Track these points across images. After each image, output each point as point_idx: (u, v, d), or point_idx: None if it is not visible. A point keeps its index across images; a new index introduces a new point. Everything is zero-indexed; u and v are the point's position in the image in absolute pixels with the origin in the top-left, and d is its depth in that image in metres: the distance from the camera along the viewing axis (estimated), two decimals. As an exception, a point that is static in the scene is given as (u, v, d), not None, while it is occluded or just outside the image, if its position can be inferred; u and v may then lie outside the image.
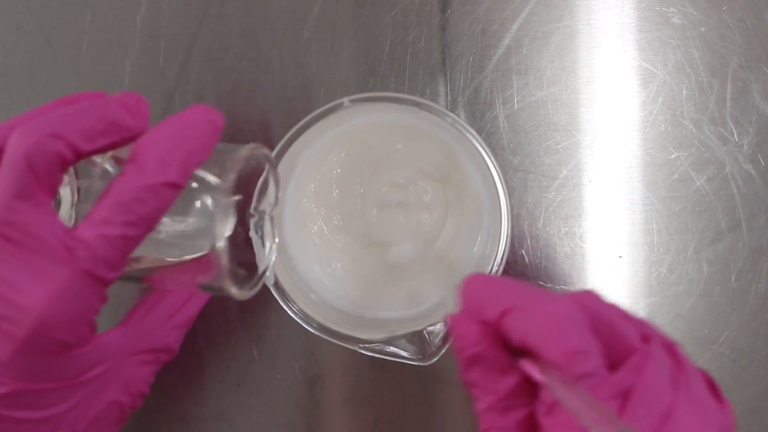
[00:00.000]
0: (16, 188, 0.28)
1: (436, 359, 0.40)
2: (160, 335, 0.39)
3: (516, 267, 0.45)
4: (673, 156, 0.46)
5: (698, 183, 0.45)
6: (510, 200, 0.41)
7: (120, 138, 0.31)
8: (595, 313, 0.29)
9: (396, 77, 0.46)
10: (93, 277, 0.29)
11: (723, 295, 0.45)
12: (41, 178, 0.29)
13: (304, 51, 0.47)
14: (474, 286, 0.32)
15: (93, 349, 0.32)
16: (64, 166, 0.30)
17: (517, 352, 0.30)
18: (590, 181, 0.46)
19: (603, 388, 0.27)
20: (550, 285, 0.45)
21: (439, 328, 0.40)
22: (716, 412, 0.29)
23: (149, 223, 0.30)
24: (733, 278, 0.45)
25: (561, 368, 0.27)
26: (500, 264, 0.40)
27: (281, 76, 0.47)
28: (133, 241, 0.30)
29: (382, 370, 0.45)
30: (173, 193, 0.31)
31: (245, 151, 0.34)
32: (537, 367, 0.28)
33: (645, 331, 0.30)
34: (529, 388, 0.30)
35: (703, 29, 0.46)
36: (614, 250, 0.45)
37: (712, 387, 0.30)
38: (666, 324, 0.45)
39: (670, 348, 0.30)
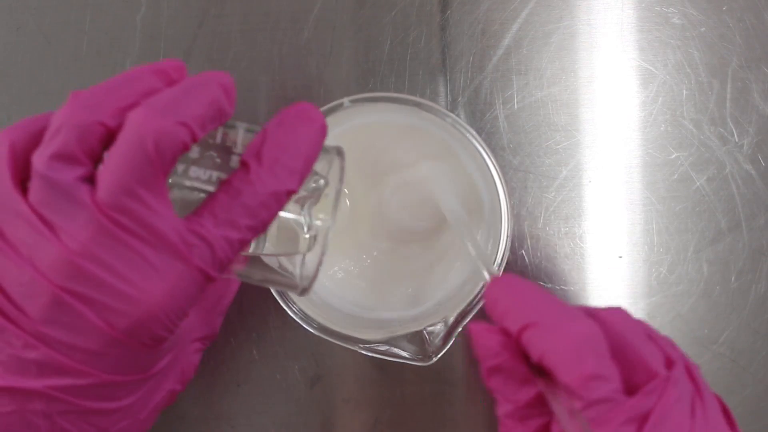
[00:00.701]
0: (139, 174, 0.26)
1: (436, 359, 0.40)
2: (209, 322, 0.39)
3: (516, 267, 0.45)
4: (673, 156, 0.46)
5: (698, 183, 0.45)
6: (510, 200, 0.41)
7: (219, 124, 0.30)
8: (618, 333, 0.29)
9: (396, 77, 0.46)
10: (205, 275, 0.28)
11: (723, 296, 0.45)
12: (165, 166, 0.27)
13: (304, 51, 0.47)
14: (500, 291, 0.32)
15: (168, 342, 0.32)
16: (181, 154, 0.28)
17: (537, 367, 0.30)
18: (590, 182, 0.46)
19: (618, 413, 0.27)
20: (550, 285, 0.45)
21: (439, 328, 0.40)
22: None
23: (265, 228, 0.29)
24: (733, 278, 0.45)
25: (576, 393, 0.27)
26: (500, 264, 0.40)
27: (281, 76, 0.47)
28: (248, 244, 0.29)
29: (382, 370, 0.45)
30: (288, 199, 0.29)
31: (335, 150, 0.34)
32: (548, 390, 0.29)
33: (668, 354, 0.30)
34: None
35: (703, 29, 0.46)
36: (614, 250, 0.45)
37: (727, 414, 0.30)
38: (666, 324, 0.45)
39: (690, 372, 0.30)
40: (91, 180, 0.27)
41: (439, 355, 0.40)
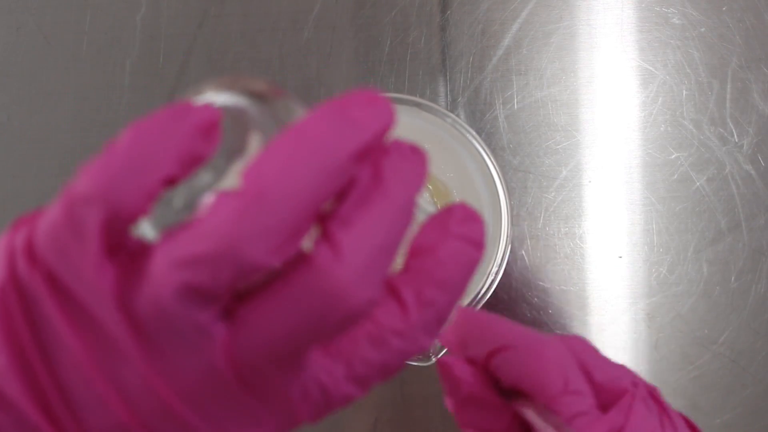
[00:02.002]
0: (297, 346, 0.20)
1: (436, 359, 0.40)
2: None
3: (516, 267, 0.45)
4: (673, 156, 0.46)
5: (698, 183, 0.45)
6: (510, 201, 0.41)
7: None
8: (583, 354, 0.30)
9: (396, 77, 0.46)
10: (300, 423, 0.23)
11: (723, 296, 0.45)
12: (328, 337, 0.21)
13: (304, 51, 0.47)
14: (463, 322, 0.32)
15: None
16: None
17: (508, 391, 0.30)
18: (590, 182, 0.46)
19: (597, 427, 0.28)
20: (550, 285, 0.45)
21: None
22: None
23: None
24: (732, 278, 0.45)
25: (556, 409, 0.28)
26: (500, 265, 0.40)
27: (281, 76, 0.47)
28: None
29: (382, 370, 0.45)
30: None
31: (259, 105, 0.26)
32: (530, 409, 0.29)
33: (631, 377, 0.31)
34: (522, 427, 0.30)
35: (702, 30, 0.46)
36: (614, 250, 0.45)
37: (693, 429, 0.31)
38: (666, 324, 0.45)
39: (653, 393, 0.31)
40: (226, 313, 0.20)
41: (439, 355, 0.40)
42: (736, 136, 0.45)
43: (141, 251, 0.20)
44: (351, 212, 0.20)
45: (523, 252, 0.45)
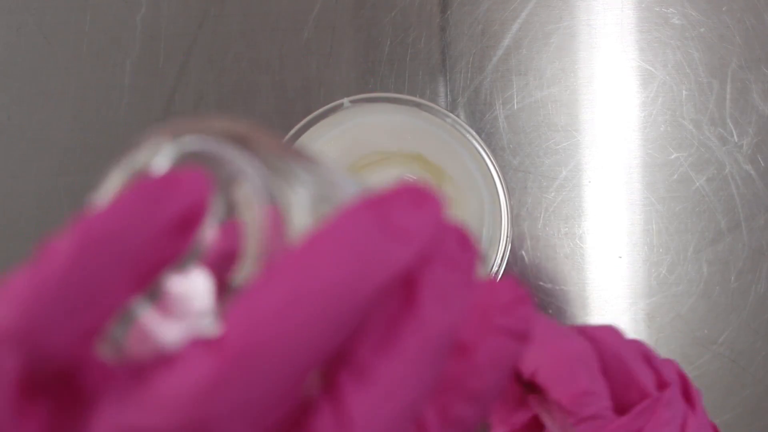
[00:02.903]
0: None
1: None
2: None
3: (516, 268, 0.45)
4: (673, 156, 0.46)
5: (698, 183, 0.45)
6: (510, 201, 0.41)
7: None
8: (609, 351, 0.29)
9: (396, 78, 0.46)
10: None
11: (723, 296, 0.45)
12: None
13: (304, 51, 0.47)
14: None
15: None
16: None
17: (530, 384, 0.30)
18: (590, 182, 0.46)
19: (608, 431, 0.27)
20: (550, 285, 0.45)
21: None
22: None
23: None
24: (732, 278, 0.45)
25: (568, 409, 0.27)
26: (500, 265, 0.40)
27: (281, 76, 0.47)
28: None
29: (382, 370, 0.45)
30: None
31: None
32: (541, 407, 0.29)
33: (664, 375, 0.30)
34: (542, 423, 0.30)
35: (702, 30, 0.46)
36: (614, 250, 0.45)
37: None
38: (666, 324, 0.45)
39: (689, 396, 0.30)
40: None
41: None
42: (735, 137, 0.45)
43: (84, 388, 0.15)
44: (371, 357, 0.14)
45: (523, 252, 0.45)
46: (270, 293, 0.13)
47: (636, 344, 0.31)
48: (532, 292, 0.45)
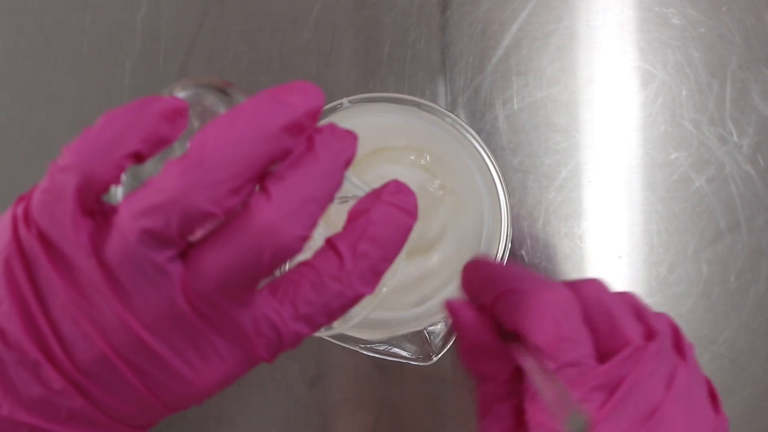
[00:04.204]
0: (245, 279, 0.24)
1: (436, 359, 0.40)
2: None
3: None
4: (673, 157, 0.46)
5: (698, 183, 0.46)
6: (509, 201, 0.41)
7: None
8: (593, 300, 0.29)
9: (396, 78, 0.46)
10: (261, 360, 0.26)
11: (722, 296, 0.45)
12: (271, 272, 0.25)
13: (304, 51, 0.47)
14: (474, 270, 0.32)
15: None
16: None
17: (511, 335, 0.30)
18: (590, 182, 0.46)
19: (588, 379, 0.27)
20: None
21: (440, 327, 0.40)
22: (710, 420, 0.28)
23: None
24: (732, 279, 0.45)
25: (547, 354, 0.27)
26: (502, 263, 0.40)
27: (281, 76, 0.47)
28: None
29: (382, 370, 0.45)
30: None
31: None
32: (523, 352, 0.28)
33: (653, 327, 0.29)
34: (524, 376, 0.30)
35: (702, 30, 0.46)
36: (614, 250, 0.45)
37: (714, 398, 0.29)
38: (665, 324, 0.45)
39: (681, 348, 0.29)
40: (181, 255, 0.24)
41: (439, 355, 0.40)
42: (735, 137, 0.45)
43: (112, 211, 0.24)
44: (284, 171, 0.24)
45: (523, 252, 0.45)
46: (216, 127, 0.23)
47: (624, 296, 0.30)
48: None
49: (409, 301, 0.43)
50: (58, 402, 0.26)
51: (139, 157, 0.24)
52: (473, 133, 0.41)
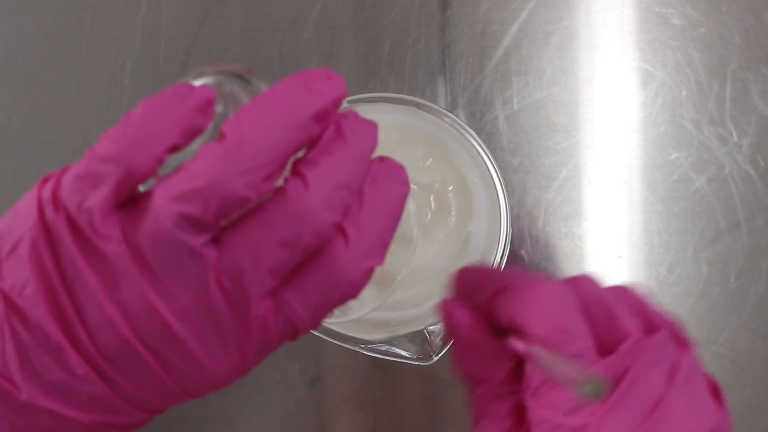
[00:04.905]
0: (278, 266, 0.24)
1: (436, 359, 0.40)
2: None
3: (516, 268, 0.45)
4: (673, 157, 0.46)
5: (698, 184, 0.46)
6: (509, 201, 0.41)
7: None
8: (589, 294, 0.29)
9: (396, 78, 0.46)
10: (277, 346, 0.27)
11: (722, 296, 0.45)
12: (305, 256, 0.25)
13: (304, 51, 0.47)
14: (467, 272, 0.32)
15: None
16: None
17: (507, 333, 0.29)
18: (590, 182, 0.46)
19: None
20: (549, 285, 0.45)
21: (440, 327, 0.40)
22: (712, 412, 0.28)
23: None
24: (732, 279, 0.45)
25: (548, 347, 0.27)
26: (500, 265, 0.40)
27: (281, 76, 0.46)
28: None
29: (382, 370, 0.45)
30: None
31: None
32: (521, 340, 0.28)
33: (653, 320, 0.29)
34: (521, 376, 0.30)
35: (702, 30, 0.46)
36: (614, 250, 0.45)
37: (715, 391, 0.29)
38: (665, 324, 0.45)
39: (683, 344, 0.29)
40: (214, 240, 0.24)
41: (439, 355, 0.40)
42: (735, 137, 0.45)
43: (142, 196, 0.24)
44: (317, 157, 0.24)
45: (523, 252, 0.45)
46: (249, 114, 0.23)
47: (620, 289, 0.30)
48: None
49: (406, 294, 0.43)
50: (80, 387, 0.26)
51: (175, 149, 0.24)
52: (473, 133, 0.41)
